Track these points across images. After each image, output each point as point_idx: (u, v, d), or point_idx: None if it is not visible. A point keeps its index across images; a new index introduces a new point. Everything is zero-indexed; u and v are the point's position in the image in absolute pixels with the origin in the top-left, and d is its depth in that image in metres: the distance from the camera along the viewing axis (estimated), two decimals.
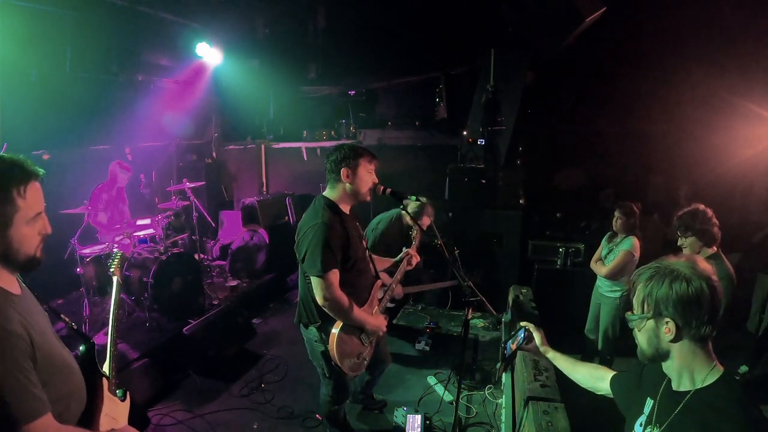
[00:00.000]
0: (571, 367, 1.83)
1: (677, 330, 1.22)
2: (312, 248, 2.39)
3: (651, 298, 1.25)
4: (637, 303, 1.31)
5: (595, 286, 4.03)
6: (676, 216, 2.98)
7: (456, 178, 5.42)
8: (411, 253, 3.05)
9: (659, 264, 1.28)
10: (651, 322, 1.27)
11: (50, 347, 1.40)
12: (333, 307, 2.45)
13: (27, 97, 4.42)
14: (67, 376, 1.45)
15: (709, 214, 2.86)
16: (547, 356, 1.89)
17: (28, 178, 1.37)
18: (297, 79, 7.14)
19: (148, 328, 4.27)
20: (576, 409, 2.19)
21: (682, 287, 1.20)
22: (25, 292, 1.47)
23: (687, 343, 1.24)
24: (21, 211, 1.35)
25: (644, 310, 1.28)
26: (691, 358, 1.25)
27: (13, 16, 4.13)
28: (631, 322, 1.33)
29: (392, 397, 3.69)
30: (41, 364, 1.33)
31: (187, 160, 7.19)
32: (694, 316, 1.20)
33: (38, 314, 1.46)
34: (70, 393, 1.46)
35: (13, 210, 1.34)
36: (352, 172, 2.52)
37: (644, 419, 1.38)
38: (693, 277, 1.20)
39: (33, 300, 1.50)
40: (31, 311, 1.40)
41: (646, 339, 1.29)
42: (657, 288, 1.24)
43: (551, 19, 4.94)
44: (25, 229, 1.37)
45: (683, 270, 1.22)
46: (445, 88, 6.28)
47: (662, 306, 1.23)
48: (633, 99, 5.85)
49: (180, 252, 4.88)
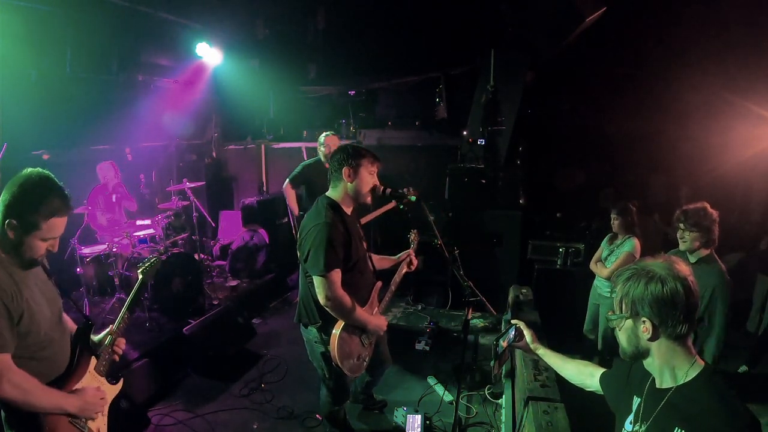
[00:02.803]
0: (561, 364, 1.86)
1: (654, 329, 1.26)
2: (315, 248, 2.39)
3: (628, 298, 1.29)
4: (616, 303, 1.35)
5: (593, 287, 4.03)
6: (682, 209, 2.93)
7: (456, 178, 5.42)
8: (411, 255, 3.04)
9: (637, 265, 1.32)
10: (629, 322, 1.31)
11: (38, 316, 1.70)
12: (335, 307, 2.45)
13: (27, 97, 4.41)
14: (47, 343, 1.75)
15: (715, 216, 2.85)
16: (538, 353, 1.91)
17: (61, 212, 1.68)
18: (297, 79, 7.14)
19: (148, 328, 4.27)
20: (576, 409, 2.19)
21: (657, 288, 1.24)
22: (38, 272, 1.81)
23: (665, 341, 1.27)
24: (41, 232, 1.65)
25: (622, 309, 1.32)
26: (671, 355, 1.28)
27: (13, 16, 4.13)
28: (611, 321, 1.37)
29: (392, 397, 3.68)
30: (24, 322, 1.65)
31: (187, 160, 7.19)
32: (669, 316, 1.24)
33: (39, 290, 1.77)
34: (47, 358, 1.76)
35: (35, 228, 1.64)
36: (353, 171, 2.52)
37: (632, 417, 1.40)
38: (668, 278, 1.23)
39: (43, 280, 1.84)
40: (28, 283, 1.71)
41: (626, 338, 1.34)
42: (633, 288, 1.28)
43: (551, 19, 4.94)
44: (38, 242, 1.67)
45: (659, 271, 1.25)
46: (445, 88, 6.28)
47: (639, 306, 1.27)
48: (633, 99, 5.85)
49: (180, 252, 4.88)
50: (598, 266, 3.88)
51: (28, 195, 1.64)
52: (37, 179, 1.68)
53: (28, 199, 1.64)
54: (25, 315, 1.65)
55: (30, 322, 1.67)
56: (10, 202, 1.64)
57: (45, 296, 1.80)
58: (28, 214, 1.63)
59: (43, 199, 1.64)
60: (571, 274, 4.94)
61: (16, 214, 1.63)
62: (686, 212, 2.90)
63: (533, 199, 5.61)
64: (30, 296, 1.70)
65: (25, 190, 1.64)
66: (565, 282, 4.93)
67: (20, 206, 1.63)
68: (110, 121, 5.43)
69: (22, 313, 1.64)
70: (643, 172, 6.25)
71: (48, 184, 1.69)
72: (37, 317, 1.70)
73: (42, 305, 1.75)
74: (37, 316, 1.70)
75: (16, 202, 1.63)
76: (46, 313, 1.76)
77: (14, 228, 1.63)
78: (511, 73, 5.41)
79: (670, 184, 6.07)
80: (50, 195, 1.66)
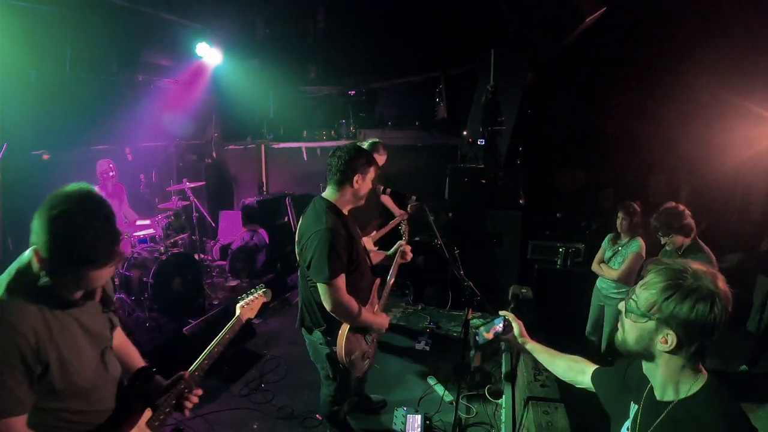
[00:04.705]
0: (550, 359, 1.79)
1: (677, 346, 1.16)
2: (318, 255, 2.35)
3: (666, 308, 1.15)
4: (643, 299, 1.20)
5: (596, 288, 4.00)
6: (652, 218, 3.21)
7: (456, 178, 5.42)
8: (404, 246, 3.04)
9: (683, 270, 1.16)
10: (651, 324, 1.18)
11: (75, 365, 1.36)
12: (342, 312, 2.44)
13: (27, 97, 4.42)
14: (84, 394, 1.41)
15: (681, 209, 3.10)
16: (526, 347, 1.84)
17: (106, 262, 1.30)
18: (297, 79, 7.14)
19: (148, 328, 4.27)
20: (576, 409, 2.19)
21: (704, 310, 1.11)
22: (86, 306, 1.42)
23: (679, 358, 1.19)
24: (76, 279, 1.31)
25: (650, 311, 1.18)
26: (679, 372, 1.20)
27: (13, 16, 4.13)
28: (627, 313, 1.24)
29: (392, 397, 3.68)
30: (53, 373, 1.30)
31: (187, 160, 7.19)
32: (700, 339, 1.14)
33: (81, 329, 1.41)
34: (81, 411, 1.42)
35: (65, 276, 1.30)
36: (363, 178, 2.51)
37: (630, 424, 1.34)
38: (716, 300, 1.11)
39: (92, 314, 1.46)
40: (65, 323, 1.36)
41: (636, 336, 1.22)
42: (677, 302, 1.13)
43: (551, 19, 4.93)
44: (70, 288, 1.35)
45: (709, 287, 1.12)
46: (445, 88, 6.28)
47: (674, 320, 1.14)
48: (633, 99, 5.85)
49: (180, 252, 4.88)
50: (603, 268, 3.85)
51: (65, 230, 1.22)
52: (85, 208, 1.26)
53: (63, 236, 1.22)
54: (52, 366, 1.30)
55: (60, 373, 1.32)
56: (42, 227, 1.23)
57: (89, 335, 1.43)
58: (58, 259, 1.24)
59: (81, 243, 1.23)
60: (571, 274, 4.94)
61: (46, 249, 1.23)
62: (657, 220, 3.16)
63: (533, 199, 5.60)
64: (63, 341, 1.33)
65: (61, 223, 1.22)
66: (565, 282, 4.92)
67: (52, 241, 1.22)
68: (110, 121, 5.43)
69: (47, 364, 1.29)
70: (643, 172, 6.26)
71: (96, 221, 1.26)
72: (72, 366, 1.35)
73: (83, 350, 1.40)
74: (73, 366, 1.35)
75: (48, 234, 1.23)
76: (87, 360, 1.41)
77: (42, 263, 1.25)
78: (511, 73, 5.41)
79: (670, 184, 6.07)
80: (96, 237, 1.25)
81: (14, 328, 1.24)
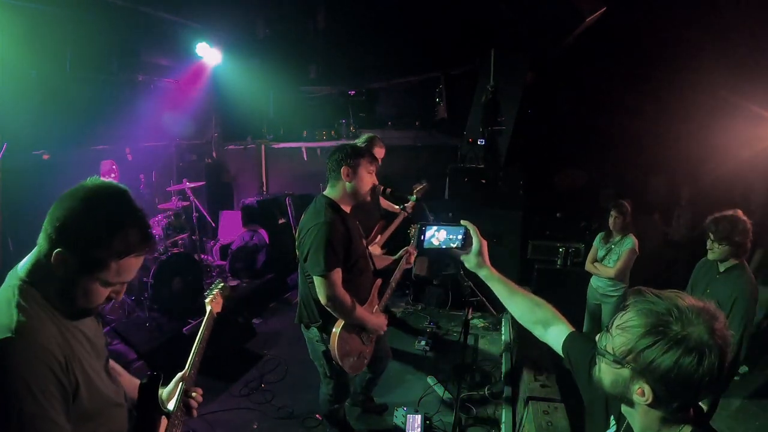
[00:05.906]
0: (508, 294, 1.53)
1: (654, 402, 0.97)
2: (314, 248, 2.39)
3: (645, 358, 0.95)
4: (618, 344, 1.00)
5: (591, 287, 4.02)
6: (713, 217, 2.75)
7: (456, 178, 5.42)
8: (410, 251, 3.05)
9: (668, 312, 0.95)
10: (626, 372, 0.99)
11: (97, 383, 1.23)
12: (336, 307, 2.45)
13: (27, 97, 4.41)
14: (112, 411, 1.30)
15: (748, 226, 2.70)
16: (481, 274, 1.57)
17: (140, 248, 1.19)
18: (297, 79, 7.14)
19: (148, 328, 4.27)
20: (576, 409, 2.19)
21: (690, 364, 0.91)
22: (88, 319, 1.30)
23: (659, 411, 1.00)
24: (107, 273, 1.16)
25: (625, 358, 0.98)
26: (659, 424, 1.02)
27: (13, 16, 4.13)
28: (599, 357, 1.05)
29: (392, 397, 3.69)
30: (82, 396, 1.16)
31: (187, 160, 7.18)
32: (682, 396, 0.96)
33: (90, 343, 1.27)
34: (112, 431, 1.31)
35: (100, 268, 1.15)
36: (352, 171, 2.52)
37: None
38: (707, 353, 0.91)
39: (93, 328, 1.33)
40: (78, 338, 1.22)
41: (611, 380, 1.03)
42: (658, 352, 0.93)
43: (551, 19, 4.93)
44: (98, 287, 1.18)
45: (700, 336, 0.92)
46: (445, 88, 6.28)
47: (651, 374, 0.95)
48: (633, 99, 5.85)
49: (180, 252, 4.88)
50: (598, 266, 3.88)
51: (97, 219, 1.13)
52: (112, 196, 1.18)
53: (97, 225, 1.12)
54: (81, 387, 1.16)
55: (88, 391, 1.18)
56: (66, 224, 1.11)
57: (92, 345, 1.29)
58: (94, 248, 1.12)
59: (119, 228, 1.14)
60: (571, 274, 4.94)
61: (73, 245, 1.11)
62: (717, 222, 2.71)
63: (533, 199, 5.60)
64: (81, 353, 1.20)
65: (93, 211, 1.13)
66: (565, 282, 4.93)
67: (82, 234, 1.11)
68: (110, 120, 5.43)
69: (77, 386, 1.15)
70: (643, 172, 6.26)
71: (127, 206, 1.18)
72: (94, 382, 1.22)
73: (94, 362, 1.26)
74: (95, 381, 1.22)
75: (77, 226, 1.11)
76: (100, 373, 1.29)
77: (65, 263, 1.11)
78: (511, 73, 5.41)
79: (670, 184, 6.07)
80: (130, 222, 1.16)
81: (39, 344, 1.07)
